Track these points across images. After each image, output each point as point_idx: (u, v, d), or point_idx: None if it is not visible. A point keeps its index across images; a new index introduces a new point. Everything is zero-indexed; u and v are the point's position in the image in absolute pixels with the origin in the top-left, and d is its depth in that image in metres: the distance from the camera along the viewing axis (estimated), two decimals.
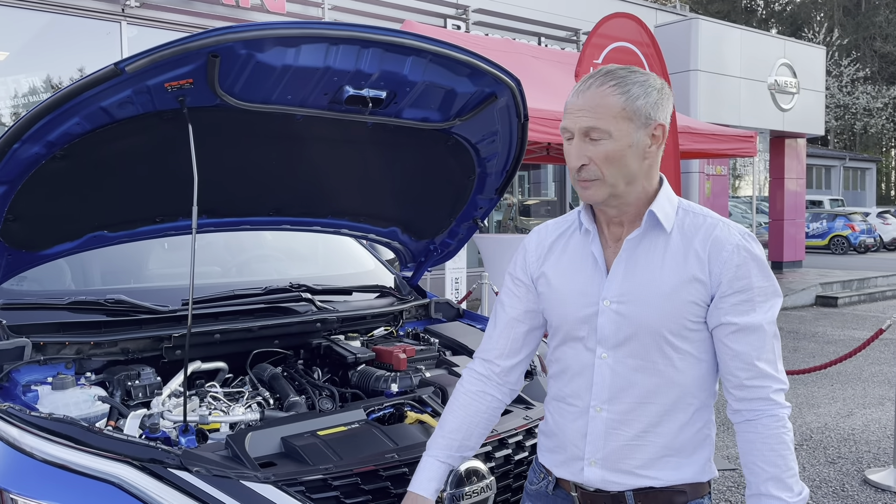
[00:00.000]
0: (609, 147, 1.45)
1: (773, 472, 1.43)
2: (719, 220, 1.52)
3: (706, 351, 1.52)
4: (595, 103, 1.45)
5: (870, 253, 22.83)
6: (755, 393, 1.46)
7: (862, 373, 7.19)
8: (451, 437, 1.67)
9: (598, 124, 1.45)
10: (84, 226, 2.27)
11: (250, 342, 2.48)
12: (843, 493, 4.24)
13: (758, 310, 1.46)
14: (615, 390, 1.51)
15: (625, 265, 1.52)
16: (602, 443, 1.53)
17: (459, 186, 2.76)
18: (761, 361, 1.46)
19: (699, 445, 1.54)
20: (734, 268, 1.45)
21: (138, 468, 1.63)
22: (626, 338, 1.50)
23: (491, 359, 1.70)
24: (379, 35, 1.93)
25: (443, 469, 1.66)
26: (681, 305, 1.47)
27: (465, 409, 1.69)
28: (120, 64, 1.72)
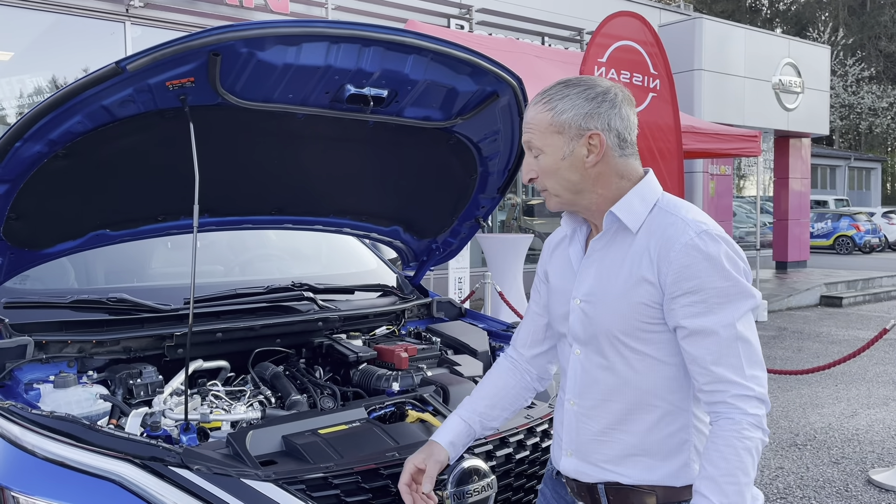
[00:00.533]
0: (544, 162, 1.53)
1: (710, 472, 1.37)
2: (681, 219, 1.46)
3: (671, 354, 1.48)
4: (529, 119, 1.55)
5: (875, 253, 22.76)
6: (713, 397, 1.42)
7: (866, 373, 7.16)
8: (478, 401, 1.75)
9: (532, 140, 1.54)
10: (86, 224, 2.27)
11: (252, 341, 2.48)
12: (846, 493, 4.23)
13: (716, 311, 1.40)
14: (583, 385, 1.57)
15: (596, 265, 1.55)
16: (574, 435, 1.59)
17: (461, 185, 2.75)
18: (719, 366, 1.39)
19: (675, 450, 1.51)
20: (680, 268, 1.41)
21: (139, 466, 1.63)
22: (591, 336, 1.54)
23: (517, 346, 1.82)
24: (380, 34, 1.93)
25: (462, 427, 1.71)
26: (631, 306, 1.47)
27: (495, 381, 1.78)
28: (121, 62, 1.72)
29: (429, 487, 1.62)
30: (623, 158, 1.52)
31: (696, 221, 1.46)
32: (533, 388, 1.80)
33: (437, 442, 1.68)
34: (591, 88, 1.51)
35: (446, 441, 1.68)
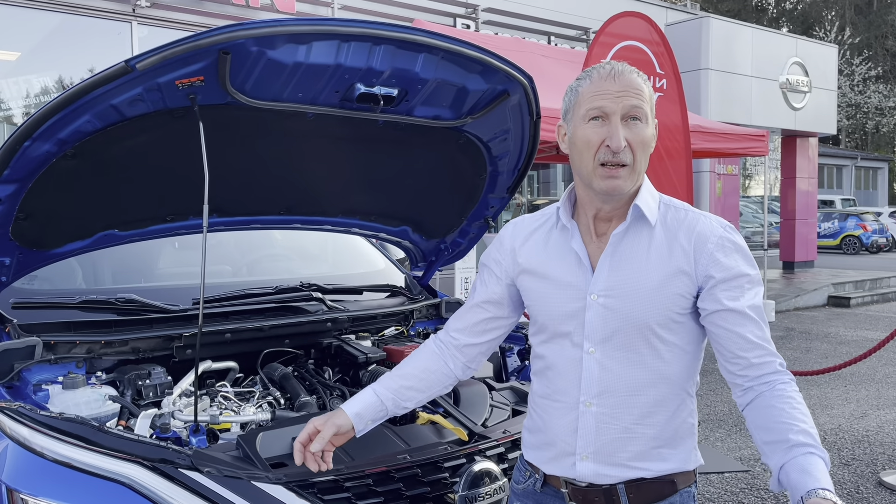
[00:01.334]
0: (645, 131, 1.49)
1: (801, 426, 1.39)
2: (700, 215, 1.55)
3: (691, 342, 1.54)
4: (635, 86, 1.48)
5: (882, 253, 22.64)
6: (765, 368, 1.48)
7: (875, 374, 7.12)
8: (395, 380, 1.69)
9: (641, 104, 1.48)
10: (95, 224, 2.26)
11: (261, 342, 2.47)
12: (857, 495, 4.19)
13: (746, 295, 1.49)
14: (604, 384, 1.52)
15: (611, 259, 1.53)
16: (593, 437, 1.53)
17: (471, 185, 2.73)
18: (763, 341, 1.49)
19: (685, 435, 1.56)
20: (721, 258, 1.48)
21: (149, 468, 1.62)
22: (614, 331, 1.51)
23: (450, 331, 1.74)
24: (390, 32, 1.91)
25: (373, 400, 1.65)
26: (668, 298, 1.49)
27: (417, 363, 1.72)
28: (131, 61, 1.71)
29: (317, 447, 1.56)
30: None
31: (713, 217, 1.56)
32: (455, 376, 1.73)
33: (343, 410, 1.62)
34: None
35: (352, 411, 1.62)
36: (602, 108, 1.46)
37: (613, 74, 1.48)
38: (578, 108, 1.51)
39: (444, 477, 1.82)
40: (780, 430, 1.40)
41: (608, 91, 1.47)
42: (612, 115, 1.46)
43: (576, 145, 1.51)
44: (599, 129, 1.47)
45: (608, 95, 1.46)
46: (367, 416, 1.65)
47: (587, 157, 1.48)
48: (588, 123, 1.48)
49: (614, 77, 1.47)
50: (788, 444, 1.38)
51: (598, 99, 1.47)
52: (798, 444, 1.37)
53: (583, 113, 1.49)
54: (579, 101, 1.51)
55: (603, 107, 1.46)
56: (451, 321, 1.77)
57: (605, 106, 1.46)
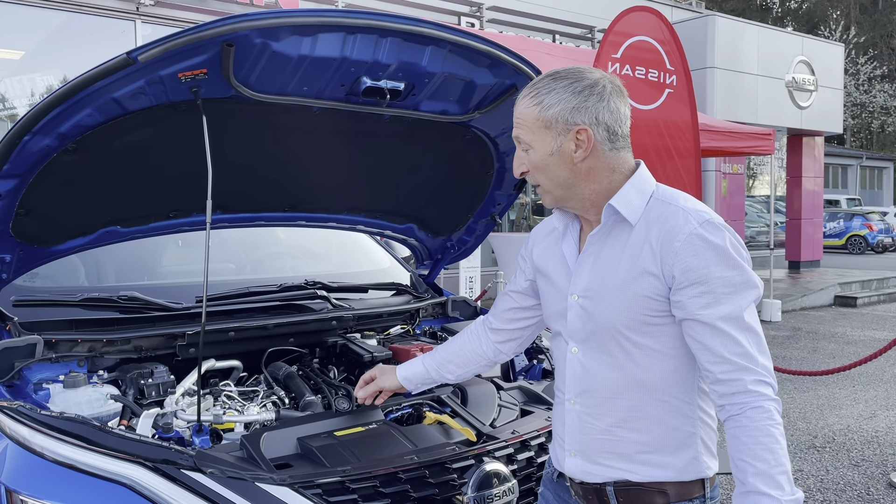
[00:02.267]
0: (534, 157, 1.50)
1: (761, 468, 1.32)
2: (681, 208, 1.44)
3: (675, 347, 1.45)
4: (518, 114, 1.51)
5: (888, 253, 22.55)
6: (733, 387, 1.37)
7: (884, 374, 7.06)
8: (440, 352, 1.91)
9: (521, 135, 1.51)
10: (97, 221, 2.22)
11: (265, 340, 2.43)
12: (868, 496, 4.14)
13: (723, 302, 1.37)
14: (584, 384, 1.53)
15: (592, 260, 1.51)
16: (578, 435, 1.54)
17: (477, 182, 2.70)
18: (734, 356, 1.37)
19: (683, 444, 1.48)
20: (687, 258, 1.38)
21: (151, 469, 1.59)
22: (591, 332, 1.50)
23: (490, 314, 1.88)
24: (397, 24, 1.87)
25: (419, 368, 1.90)
26: (633, 299, 1.43)
27: (459, 340, 1.91)
28: (133, 53, 1.67)
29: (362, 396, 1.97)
30: (614, 152, 1.48)
31: (696, 211, 1.44)
32: (488, 357, 1.86)
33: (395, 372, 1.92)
34: (579, 81, 1.46)
35: (401, 375, 1.91)
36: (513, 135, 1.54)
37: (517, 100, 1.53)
38: None
39: (453, 478, 1.77)
40: (741, 469, 1.35)
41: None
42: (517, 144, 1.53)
43: None
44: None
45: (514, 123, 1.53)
46: (415, 381, 1.91)
47: None
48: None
49: (516, 104, 1.53)
50: (745, 487, 1.35)
51: None
52: (754, 490, 1.32)
53: None
54: None
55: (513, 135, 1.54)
56: (496, 302, 1.88)
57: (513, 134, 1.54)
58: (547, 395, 2.30)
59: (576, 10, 12.19)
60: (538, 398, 2.29)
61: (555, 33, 11.94)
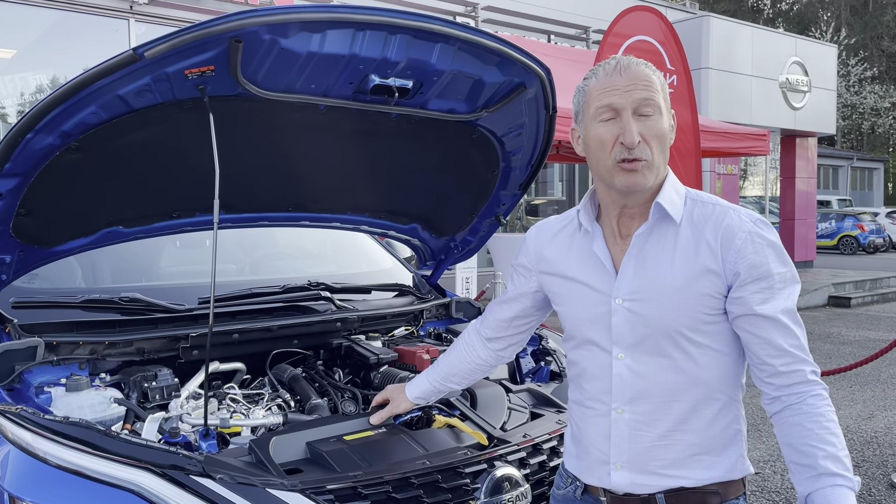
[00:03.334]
0: (659, 123, 1.42)
1: (830, 451, 1.33)
2: (729, 208, 1.45)
3: (728, 344, 1.45)
4: (644, 78, 1.41)
5: (879, 253, 22.66)
6: (793, 378, 1.39)
7: (880, 374, 7.08)
8: (440, 367, 1.91)
9: (652, 96, 1.41)
10: (99, 221, 2.18)
11: (269, 342, 2.39)
12: (870, 497, 4.14)
13: (778, 296, 1.39)
14: (636, 391, 1.45)
15: (635, 261, 1.45)
16: (627, 445, 1.46)
17: (483, 181, 2.67)
18: (794, 348, 1.39)
19: (730, 442, 1.47)
20: (750, 255, 1.39)
21: (158, 475, 1.55)
22: (643, 336, 1.43)
23: (483, 321, 1.85)
24: (407, 20, 1.84)
25: (426, 386, 1.92)
26: (695, 299, 1.40)
27: (455, 353, 1.90)
28: (139, 49, 1.64)
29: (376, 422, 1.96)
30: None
31: (744, 211, 1.46)
32: (489, 363, 1.87)
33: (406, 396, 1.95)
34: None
35: (413, 396, 1.94)
36: (611, 104, 1.41)
37: (619, 69, 1.42)
38: (588, 108, 1.46)
39: (465, 483, 1.75)
40: (809, 454, 1.34)
41: (616, 86, 1.41)
42: (622, 111, 1.40)
43: (590, 146, 1.46)
44: (611, 126, 1.41)
45: (616, 91, 1.41)
46: (426, 397, 1.94)
47: (603, 156, 1.43)
48: (599, 122, 1.43)
49: (621, 71, 1.42)
50: (816, 471, 1.33)
51: (606, 96, 1.42)
52: (826, 472, 1.31)
53: (593, 112, 1.44)
54: (588, 101, 1.46)
55: (612, 103, 1.41)
56: (486, 310, 1.86)
57: (615, 102, 1.40)
58: (556, 398, 2.27)
59: (571, 11, 12.19)
60: (547, 401, 2.26)
61: (550, 33, 11.94)
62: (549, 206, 13.83)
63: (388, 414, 1.95)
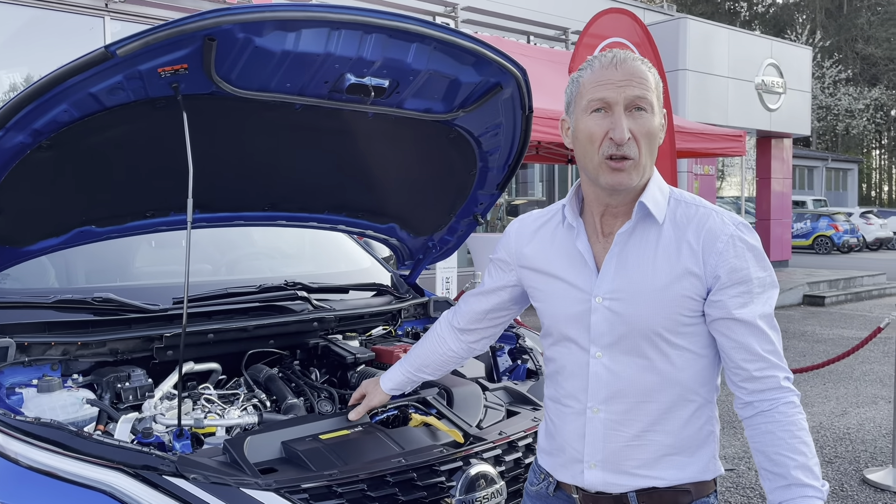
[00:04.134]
0: (651, 122, 1.40)
1: (801, 461, 1.34)
2: (712, 210, 1.45)
3: (705, 346, 1.46)
4: (638, 75, 1.40)
5: (853, 253, 23.02)
6: (767, 383, 1.40)
7: (853, 371, 7.19)
8: (412, 358, 1.92)
9: (645, 94, 1.39)
10: (71, 220, 2.16)
11: (245, 342, 2.38)
12: (842, 493, 4.20)
13: (757, 301, 1.40)
14: (612, 390, 1.45)
15: (616, 260, 1.45)
16: (601, 444, 1.47)
17: (460, 181, 2.67)
18: (768, 352, 1.40)
19: (703, 443, 1.48)
20: (731, 259, 1.39)
21: (131, 475, 1.54)
22: (621, 336, 1.44)
23: (457, 313, 1.84)
24: (383, 20, 1.84)
25: (400, 378, 1.93)
26: (675, 300, 1.41)
27: (426, 345, 1.90)
28: (111, 47, 1.62)
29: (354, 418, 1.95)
30: None
31: (727, 213, 1.46)
32: (460, 356, 1.87)
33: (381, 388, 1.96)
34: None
35: (388, 387, 1.95)
36: (604, 98, 1.39)
37: (615, 62, 1.41)
38: (580, 100, 1.44)
39: (441, 481, 1.75)
40: (780, 463, 1.36)
41: (610, 80, 1.40)
42: (614, 106, 1.39)
43: (579, 139, 1.45)
44: (602, 120, 1.40)
45: (610, 85, 1.39)
46: (401, 388, 1.96)
47: (591, 150, 1.42)
48: (590, 115, 1.41)
49: (616, 65, 1.40)
50: (787, 480, 1.35)
51: (599, 89, 1.40)
52: (797, 482, 1.33)
53: (585, 104, 1.42)
54: (581, 92, 1.44)
55: (605, 97, 1.39)
56: (460, 303, 1.85)
57: (608, 96, 1.39)
58: (532, 396, 2.28)
59: (550, 12, 12.24)
60: (524, 398, 2.28)
61: (529, 34, 11.98)
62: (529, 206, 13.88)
63: (366, 408, 1.95)
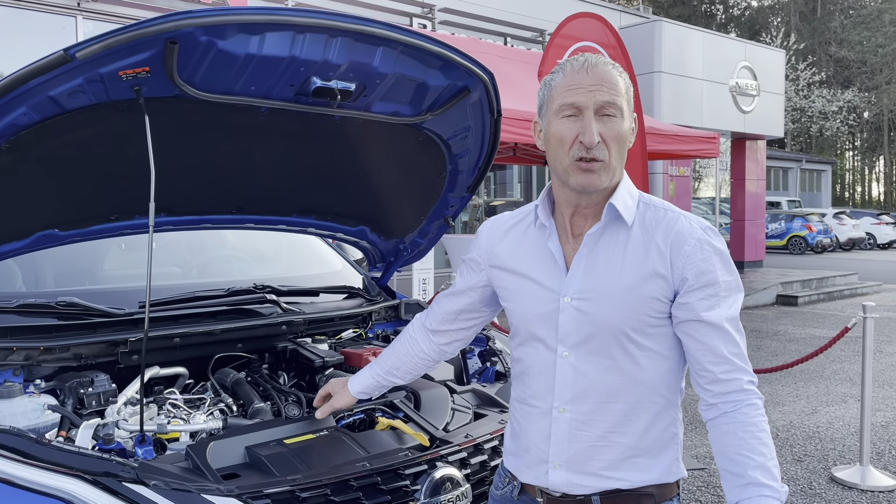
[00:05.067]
0: (620, 126, 1.43)
1: (759, 461, 1.36)
2: (681, 214, 1.48)
3: (670, 348, 1.48)
4: (609, 80, 1.42)
5: (826, 253, 23.36)
6: (731, 386, 1.42)
7: (824, 371, 7.29)
8: (382, 361, 1.90)
9: (615, 100, 1.42)
10: (33, 224, 2.13)
11: (212, 346, 2.37)
12: (810, 490, 4.26)
13: (723, 304, 1.42)
14: (578, 390, 1.47)
15: (586, 260, 1.47)
16: (566, 444, 1.48)
17: (430, 184, 2.67)
18: (733, 355, 1.42)
19: (666, 445, 1.50)
20: (698, 262, 1.42)
21: (91, 483, 1.52)
22: (588, 336, 1.45)
23: (429, 315, 1.83)
24: (348, 23, 1.84)
25: (370, 381, 1.89)
26: (642, 301, 1.43)
27: (398, 347, 1.88)
28: (70, 50, 1.60)
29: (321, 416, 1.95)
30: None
31: (694, 217, 1.49)
32: (432, 358, 1.85)
33: (349, 391, 1.91)
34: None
35: (355, 390, 1.90)
36: (575, 102, 1.41)
37: (587, 67, 1.43)
38: (552, 103, 1.46)
39: (406, 485, 1.75)
40: (739, 463, 1.37)
41: (581, 84, 1.42)
42: (585, 110, 1.41)
43: (550, 142, 1.47)
44: (572, 124, 1.42)
45: (581, 90, 1.41)
46: (368, 392, 1.91)
47: (561, 153, 1.44)
48: (561, 119, 1.43)
49: (587, 70, 1.42)
50: (745, 480, 1.36)
51: (570, 93, 1.42)
52: (755, 482, 1.35)
53: (556, 108, 1.44)
54: (552, 96, 1.46)
55: (576, 102, 1.41)
56: (433, 304, 1.83)
57: (578, 101, 1.41)
58: (500, 398, 2.29)
59: (527, 14, 12.29)
60: (491, 401, 2.29)
61: (506, 36, 12.02)
62: (507, 207, 13.92)
63: (331, 408, 1.93)
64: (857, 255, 23.63)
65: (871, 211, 30.64)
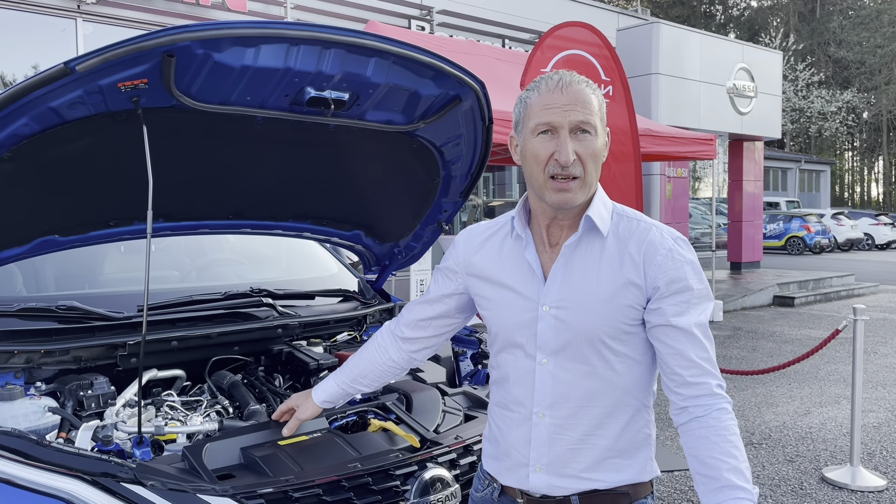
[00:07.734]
0: (594, 143, 1.48)
1: (732, 464, 1.40)
2: (653, 225, 1.54)
3: (643, 353, 1.53)
4: (583, 99, 1.47)
5: (824, 253, 23.41)
6: (700, 389, 1.46)
7: (818, 372, 7.34)
8: (349, 369, 1.89)
9: (589, 118, 1.46)
10: (33, 230, 2.18)
11: (209, 349, 2.42)
12: (801, 491, 4.31)
13: (693, 311, 1.48)
14: (557, 395, 1.52)
15: (563, 270, 1.52)
16: (546, 448, 1.53)
17: (424, 189, 2.72)
18: (702, 359, 1.47)
19: (640, 446, 1.56)
20: (670, 271, 1.47)
21: (90, 483, 1.57)
22: (566, 343, 1.50)
23: (400, 323, 1.84)
24: (340, 36, 1.89)
25: (335, 389, 1.89)
26: (618, 309, 1.48)
27: (366, 354, 1.88)
28: (70, 63, 1.65)
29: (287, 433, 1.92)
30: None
31: (666, 228, 1.55)
32: (400, 366, 1.86)
33: (313, 400, 1.90)
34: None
35: (319, 399, 1.90)
36: (550, 122, 1.46)
37: (561, 86, 1.47)
38: (528, 121, 1.50)
39: (396, 485, 1.80)
40: (713, 466, 1.41)
41: (556, 104, 1.46)
42: (560, 129, 1.46)
43: (526, 158, 1.52)
44: (548, 142, 1.46)
45: (556, 109, 1.46)
46: (333, 401, 1.91)
47: (537, 170, 1.48)
48: (537, 137, 1.48)
49: (562, 89, 1.46)
50: (719, 483, 1.40)
51: (545, 113, 1.47)
52: (729, 484, 1.39)
53: (532, 126, 1.49)
54: (528, 114, 1.51)
55: (551, 121, 1.46)
56: (403, 311, 1.85)
57: (553, 120, 1.46)
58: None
59: (525, 16, 12.34)
60: (482, 403, 2.33)
61: (504, 38, 12.07)
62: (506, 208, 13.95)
63: (298, 421, 1.92)
64: (854, 255, 23.69)
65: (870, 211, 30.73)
